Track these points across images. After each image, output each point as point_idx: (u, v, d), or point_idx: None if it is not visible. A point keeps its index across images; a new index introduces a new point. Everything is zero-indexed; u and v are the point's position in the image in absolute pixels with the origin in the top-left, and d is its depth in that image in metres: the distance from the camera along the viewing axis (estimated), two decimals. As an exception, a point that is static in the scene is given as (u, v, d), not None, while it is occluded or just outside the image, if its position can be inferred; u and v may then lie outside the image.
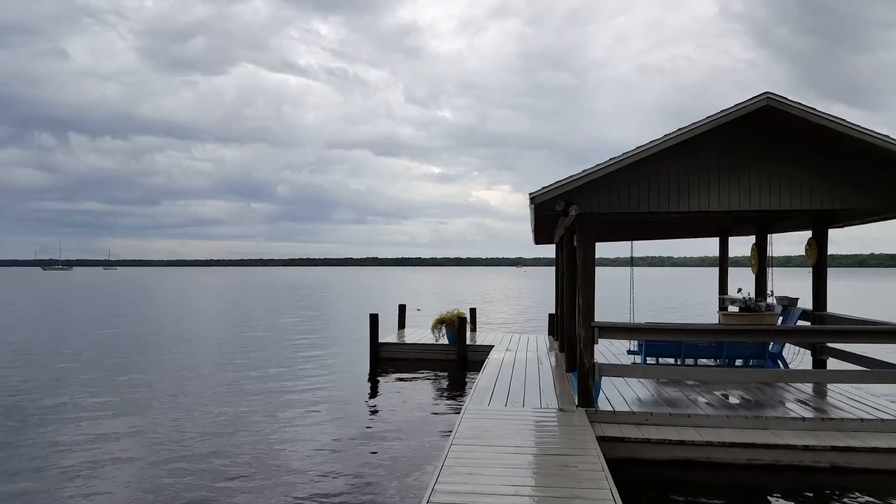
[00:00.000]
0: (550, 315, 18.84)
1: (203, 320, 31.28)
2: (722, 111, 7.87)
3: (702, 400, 9.16)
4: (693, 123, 8.01)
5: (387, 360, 16.04)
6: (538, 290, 64.38)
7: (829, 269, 11.22)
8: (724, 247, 16.85)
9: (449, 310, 16.52)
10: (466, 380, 14.35)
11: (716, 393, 9.59)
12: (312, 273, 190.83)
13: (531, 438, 7.46)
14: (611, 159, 8.12)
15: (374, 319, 16.07)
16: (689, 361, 10.54)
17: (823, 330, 10.03)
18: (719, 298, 16.81)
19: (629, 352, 11.54)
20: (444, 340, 16.17)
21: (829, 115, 7.56)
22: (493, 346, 15.57)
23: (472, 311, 19.67)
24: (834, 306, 11.27)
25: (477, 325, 19.77)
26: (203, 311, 38.38)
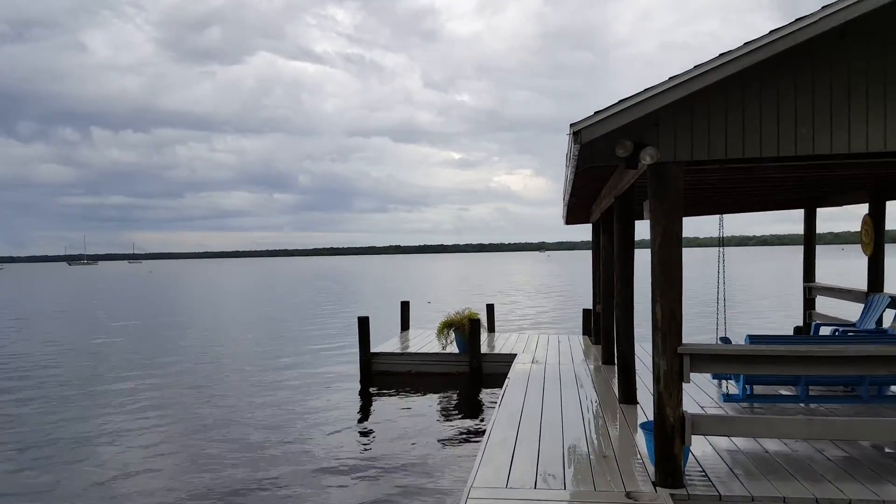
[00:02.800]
0: (585, 311, 15.33)
1: (206, 322, 28.24)
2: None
3: (838, 454, 5.71)
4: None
5: (381, 375, 12.69)
6: (565, 277, 60.61)
7: None
8: (810, 221, 13.18)
9: (458, 310, 13.06)
10: (482, 405, 10.93)
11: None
12: (335, 263, 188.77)
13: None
14: (719, 56, 4.58)
15: (363, 323, 12.70)
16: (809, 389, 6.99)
17: None
18: (804, 287, 13.16)
19: (715, 375, 8.03)
20: (453, 348, 12.75)
21: None
22: (515, 355, 12.12)
23: (490, 307, 16.20)
24: None
25: (496, 324, 16.31)
26: (213, 309, 35.45)
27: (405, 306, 16.41)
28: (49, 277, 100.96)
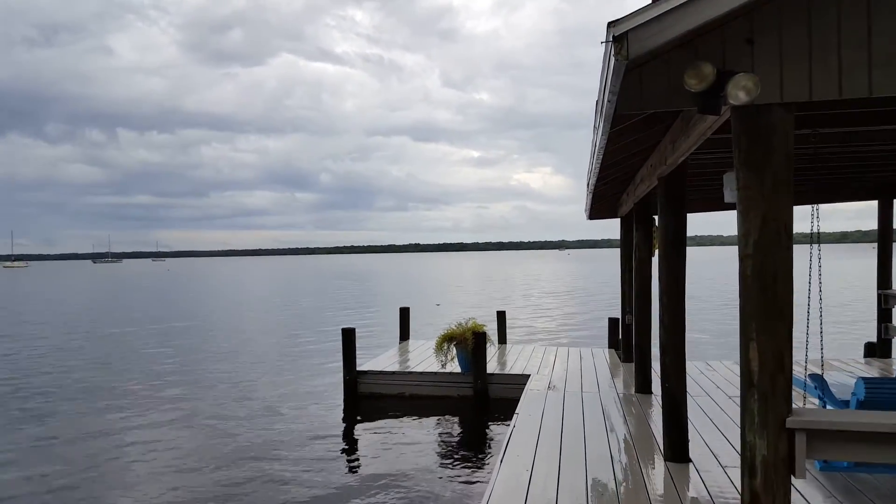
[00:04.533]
0: (611, 320, 13.22)
1: (202, 323, 26.51)
2: None
3: None
4: None
5: (368, 398, 10.69)
6: (587, 278, 58.23)
7: None
8: (886, 215, 11.00)
9: (461, 320, 11.00)
10: (486, 440, 8.89)
11: None
12: (355, 261, 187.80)
13: None
14: None
15: (347, 336, 10.69)
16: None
17: None
18: (880, 295, 10.96)
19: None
20: (455, 366, 10.71)
21: None
22: (528, 377, 10.07)
23: (501, 315, 14.13)
24: None
25: (508, 335, 14.23)
26: (215, 310, 33.80)
27: (405, 313, 14.39)
28: (70, 275, 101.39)
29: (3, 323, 26.79)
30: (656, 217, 9.15)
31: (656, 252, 8.91)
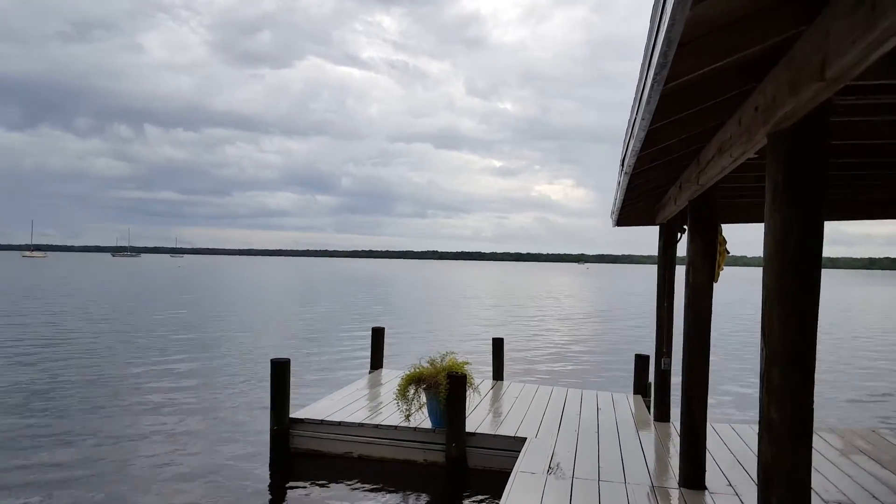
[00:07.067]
0: (639, 358, 10.27)
1: (165, 331, 23.90)
2: None
3: None
4: None
5: (303, 457, 7.83)
6: (608, 296, 54.86)
7: None
8: None
9: (434, 356, 8.10)
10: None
11: None
12: (372, 265, 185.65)
13: None
14: None
15: (279, 370, 7.83)
16: None
17: None
18: None
19: None
20: (423, 419, 7.82)
21: None
22: (524, 441, 7.20)
23: (498, 344, 11.19)
24: None
25: (504, 368, 11.29)
26: (191, 313, 31.20)
27: (378, 335, 11.52)
28: (85, 267, 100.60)
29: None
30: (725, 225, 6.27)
31: (720, 274, 6.05)
